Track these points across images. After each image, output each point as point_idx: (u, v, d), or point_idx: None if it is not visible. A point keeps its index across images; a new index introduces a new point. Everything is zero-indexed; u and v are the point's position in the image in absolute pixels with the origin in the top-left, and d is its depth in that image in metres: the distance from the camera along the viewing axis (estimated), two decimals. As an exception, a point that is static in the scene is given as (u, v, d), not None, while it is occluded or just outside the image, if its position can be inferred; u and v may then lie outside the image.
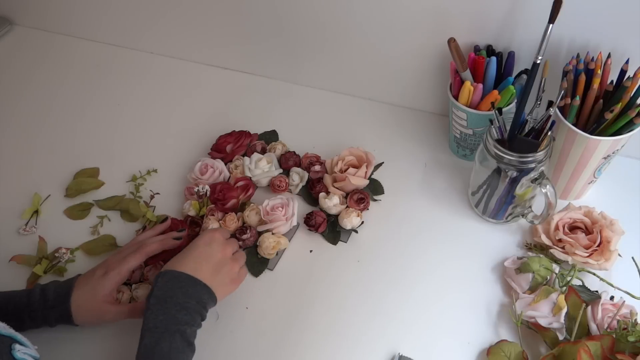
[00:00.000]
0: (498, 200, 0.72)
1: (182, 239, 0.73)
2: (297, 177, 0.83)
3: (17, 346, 0.50)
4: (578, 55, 0.69)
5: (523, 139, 0.65)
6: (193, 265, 0.63)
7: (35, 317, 0.64)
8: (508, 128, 0.68)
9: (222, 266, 0.65)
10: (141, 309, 0.63)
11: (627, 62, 0.66)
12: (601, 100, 0.66)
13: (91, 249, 0.78)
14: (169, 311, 0.59)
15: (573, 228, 0.72)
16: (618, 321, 0.61)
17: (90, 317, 0.65)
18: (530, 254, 0.73)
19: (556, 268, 0.68)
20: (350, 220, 0.76)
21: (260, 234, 0.77)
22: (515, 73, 0.74)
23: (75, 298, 0.64)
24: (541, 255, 0.70)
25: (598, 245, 0.69)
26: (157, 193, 0.83)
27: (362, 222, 0.78)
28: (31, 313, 0.64)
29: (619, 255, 0.69)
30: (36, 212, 0.83)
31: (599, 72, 0.66)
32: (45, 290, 0.65)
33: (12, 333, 0.50)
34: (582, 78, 0.67)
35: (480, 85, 0.73)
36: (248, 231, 0.76)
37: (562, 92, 0.66)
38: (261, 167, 0.83)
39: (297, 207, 0.78)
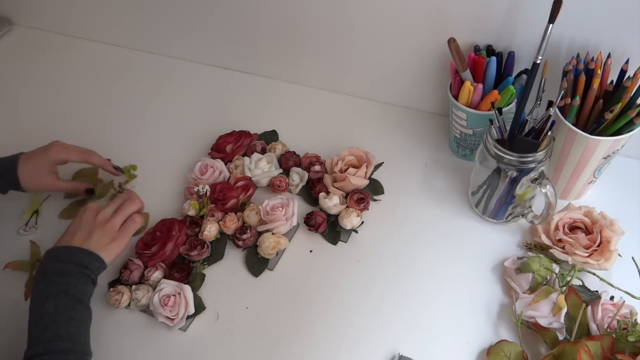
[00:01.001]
0: (498, 200, 0.72)
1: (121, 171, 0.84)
2: (297, 177, 0.83)
3: None
4: (578, 55, 0.69)
5: (523, 139, 0.65)
6: (68, 237, 0.68)
7: None
8: (508, 128, 0.68)
9: (95, 229, 0.69)
10: (81, 188, 0.82)
11: (627, 62, 0.66)
12: (601, 100, 0.66)
13: None
14: (49, 279, 0.63)
15: (573, 228, 0.72)
16: (618, 321, 0.61)
17: (36, 186, 0.78)
18: (530, 254, 0.73)
19: (556, 268, 0.68)
20: (350, 220, 0.76)
21: (260, 234, 0.77)
22: (515, 73, 0.74)
23: (21, 169, 0.76)
24: (541, 255, 0.70)
25: (598, 245, 0.69)
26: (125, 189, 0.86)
27: (362, 222, 0.78)
28: None
29: (619, 255, 0.69)
30: (36, 212, 0.83)
31: (599, 72, 0.66)
32: None
33: None
34: (582, 78, 0.67)
35: (480, 85, 0.73)
36: (248, 231, 0.76)
37: (562, 92, 0.66)
38: (261, 167, 0.83)
39: (297, 207, 0.78)
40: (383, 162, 0.86)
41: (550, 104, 0.63)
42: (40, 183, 0.77)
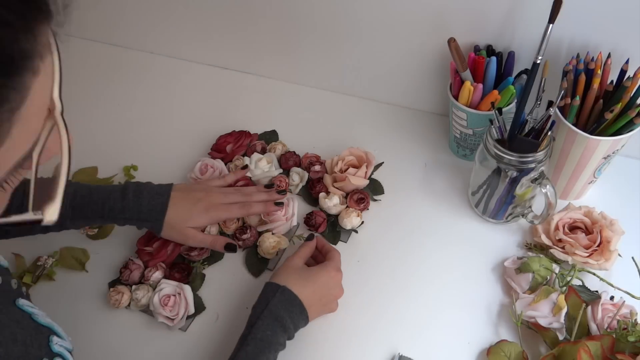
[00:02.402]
0: (498, 200, 0.72)
1: (283, 204, 0.76)
2: (297, 177, 0.83)
3: (55, 338, 0.49)
4: (578, 55, 0.69)
5: (523, 139, 0.65)
6: (309, 295, 0.64)
7: (129, 220, 0.70)
8: (508, 128, 0.68)
9: (329, 304, 0.68)
10: (221, 243, 0.71)
11: (627, 62, 0.66)
12: (601, 100, 0.66)
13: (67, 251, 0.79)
14: (276, 330, 0.61)
15: (573, 228, 0.72)
16: (618, 321, 0.61)
17: (175, 237, 0.72)
18: (530, 254, 0.73)
19: (556, 268, 0.68)
20: (350, 220, 0.76)
21: (260, 234, 0.77)
22: (515, 73, 0.74)
23: (168, 220, 0.69)
24: (541, 255, 0.70)
25: (598, 245, 0.69)
26: None
27: (362, 222, 0.78)
28: (126, 220, 0.70)
29: (619, 255, 0.69)
30: None
31: (599, 72, 0.66)
32: (139, 199, 0.69)
33: (49, 322, 0.50)
34: (582, 78, 0.67)
35: (480, 85, 0.73)
36: (248, 231, 0.76)
37: (562, 92, 0.66)
38: (261, 167, 0.83)
39: (297, 207, 0.78)
40: (383, 162, 0.86)
41: (550, 104, 0.63)
42: (178, 237, 0.71)
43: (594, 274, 0.68)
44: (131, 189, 0.70)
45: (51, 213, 0.34)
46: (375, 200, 0.82)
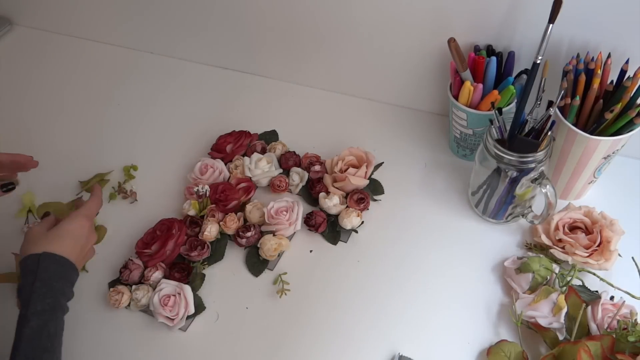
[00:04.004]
0: (498, 200, 0.72)
1: (9, 190, 0.70)
2: (297, 177, 0.83)
3: None
4: (578, 55, 0.69)
5: (523, 139, 0.65)
6: (71, 250, 0.63)
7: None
8: (508, 128, 0.68)
9: (89, 252, 0.69)
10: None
11: (627, 62, 0.66)
12: (601, 100, 0.66)
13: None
14: (55, 295, 0.59)
15: (573, 228, 0.72)
16: (618, 321, 0.61)
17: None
18: (530, 254, 0.73)
19: (556, 268, 0.68)
20: (350, 220, 0.76)
21: (262, 233, 0.77)
22: (515, 73, 0.74)
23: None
24: (541, 255, 0.70)
25: (598, 245, 0.69)
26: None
27: (362, 222, 0.78)
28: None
29: (619, 255, 0.69)
30: (30, 210, 0.83)
31: (599, 72, 0.66)
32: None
33: None
34: (582, 78, 0.67)
35: (480, 85, 0.73)
36: (252, 229, 0.76)
37: (562, 92, 0.66)
38: (261, 167, 0.83)
39: (301, 212, 0.78)
40: (383, 162, 0.86)
41: (550, 104, 0.63)
42: None
43: (594, 274, 0.68)
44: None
45: None
46: (375, 200, 0.82)
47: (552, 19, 0.61)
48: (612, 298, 0.64)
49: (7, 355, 0.58)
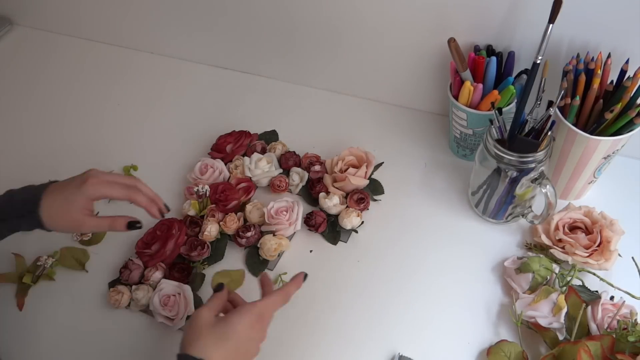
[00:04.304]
0: (498, 200, 0.72)
1: (164, 216, 0.67)
2: (297, 177, 0.83)
3: None
4: (578, 55, 0.69)
5: (523, 139, 0.65)
6: (231, 354, 0.53)
7: (10, 225, 0.62)
8: (508, 128, 0.68)
9: (249, 352, 0.56)
10: (122, 222, 0.63)
11: (627, 62, 0.66)
12: (601, 100, 0.66)
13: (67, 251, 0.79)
14: None
15: (573, 228, 0.72)
16: (618, 321, 0.61)
17: (64, 227, 0.62)
18: (530, 254, 0.73)
19: (556, 268, 0.68)
20: (350, 220, 0.76)
21: (263, 233, 0.77)
22: (515, 73, 0.74)
23: (46, 208, 0.61)
24: (541, 255, 0.70)
25: (598, 245, 0.69)
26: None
27: (362, 222, 0.78)
28: (2, 221, 0.62)
29: (619, 255, 0.69)
30: None
31: (599, 72, 0.66)
32: (13, 197, 0.62)
33: None
34: (582, 78, 0.67)
35: (480, 85, 0.73)
36: (252, 229, 0.76)
37: (562, 92, 0.66)
38: (261, 167, 0.83)
39: (301, 212, 0.78)
40: (383, 162, 0.86)
41: (550, 104, 0.63)
42: (68, 225, 0.62)
43: (594, 274, 0.68)
44: (7, 192, 0.63)
45: None
46: (375, 200, 0.82)
47: (552, 19, 0.61)
48: (612, 298, 0.64)
49: (6, 354, 0.58)
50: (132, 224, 0.65)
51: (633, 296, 0.65)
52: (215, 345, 0.52)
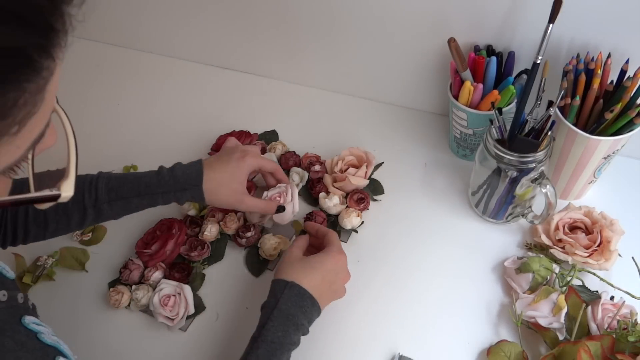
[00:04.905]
0: (498, 200, 0.72)
1: (282, 211, 0.73)
2: (297, 177, 0.83)
3: (61, 358, 0.48)
4: (578, 55, 0.69)
5: (523, 139, 0.65)
6: (318, 285, 0.62)
7: (169, 198, 0.67)
8: (508, 128, 0.68)
9: (338, 290, 0.66)
10: (273, 207, 0.71)
11: (627, 62, 0.66)
12: (601, 100, 0.66)
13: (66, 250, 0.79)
14: (288, 329, 0.59)
15: (573, 228, 0.72)
16: (618, 321, 0.61)
17: (225, 200, 0.68)
18: (530, 254, 0.73)
19: (556, 268, 0.68)
20: (350, 220, 0.76)
21: (262, 233, 0.77)
22: (515, 73, 0.74)
23: (208, 180, 0.66)
24: (541, 255, 0.70)
25: (598, 245, 0.69)
26: None
27: (362, 222, 0.78)
28: (164, 194, 0.66)
29: (619, 255, 0.69)
30: None
31: (599, 72, 0.66)
32: (173, 171, 0.67)
33: (55, 342, 0.48)
34: (582, 78, 0.67)
35: (480, 85, 0.73)
36: (252, 229, 0.76)
37: (562, 92, 0.66)
38: (261, 167, 0.83)
39: (296, 193, 0.76)
40: (383, 162, 0.86)
41: (550, 104, 0.63)
42: (230, 199, 0.68)
43: (594, 274, 0.68)
44: (165, 168, 0.68)
45: (67, 188, 0.36)
46: (375, 200, 0.82)
47: (552, 19, 0.61)
48: (612, 298, 0.64)
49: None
50: (280, 208, 0.73)
51: (633, 296, 0.65)
52: (304, 273, 0.62)
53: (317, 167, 0.83)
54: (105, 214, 0.67)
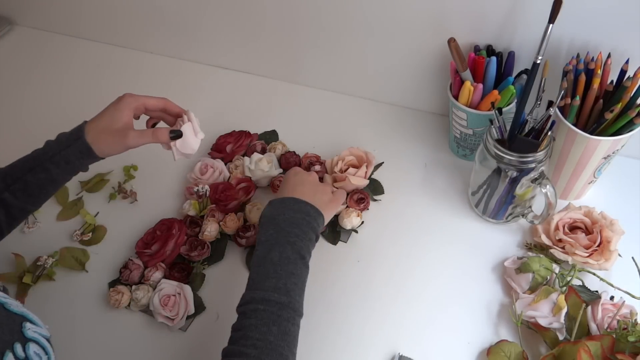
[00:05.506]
0: (498, 200, 0.72)
1: (177, 136, 0.71)
2: (297, 177, 0.83)
3: (28, 324, 0.49)
4: (578, 55, 0.69)
5: (523, 139, 0.65)
6: (290, 190, 0.67)
7: (58, 161, 0.66)
8: (508, 128, 0.68)
9: (316, 186, 0.69)
10: (164, 132, 0.69)
11: (627, 62, 0.66)
12: (601, 100, 0.66)
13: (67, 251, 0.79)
14: (279, 225, 0.62)
15: (573, 228, 0.72)
16: (618, 321, 0.61)
17: (111, 143, 0.67)
18: (530, 254, 0.73)
19: (556, 268, 0.68)
20: (350, 220, 0.76)
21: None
22: (515, 73, 0.74)
23: (91, 130, 0.66)
24: (541, 255, 0.70)
25: (598, 245, 0.69)
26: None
27: (362, 222, 0.78)
28: (52, 158, 0.65)
29: (619, 255, 0.69)
30: None
31: (599, 72, 0.66)
32: (57, 137, 0.68)
33: (23, 311, 0.49)
34: (582, 78, 0.67)
35: (480, 85, 0.73)
36: (252, 229, 0.76)
37: (562, 92, 0.66)
38: (261, 167, 0.83)
39: (194, 116, 0.73)
40: (383, 162, 0.86)
41: (550, 104, 0.63)
42: (115, 140, 0.66)
43: (594, 274, 0.68)
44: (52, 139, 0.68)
45: None
46: (375, 200, 0.82)
47: (552, 19, 0.61)
48: (612, 298, 0.64)
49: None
50: (175, 133, 0.69)
51: (633, 296, 0.65)
52: (294, 188, 0.67)
53: (317, 167, 0.83)
54: (13, 205, 0.66)
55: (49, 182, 0.66)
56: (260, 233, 0.62)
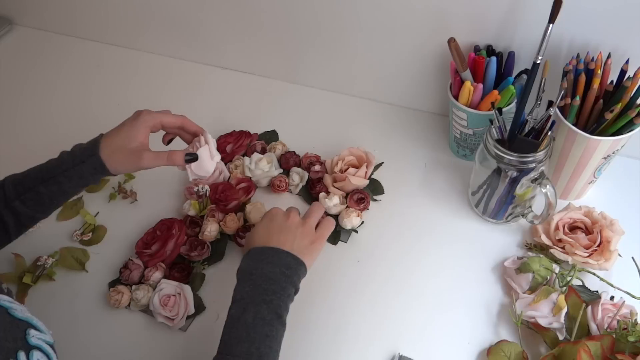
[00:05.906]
0: (498, 200, 0.72)
1: (193, 159, 0.69)
2: (297, 177, 0.83)
3: (32, 331, 0.48)
4: (578, 55, 0.69)
5: (523, 139, 0.65)
6: (266, 238, 0.62)
7: (71, 176, 0.65)
8: (508, 128, 0.68)
9: (295, 230, 0.64)
10: (180, 155, 0.67)
11: (627, 62, 0.66)
12: (601, 100, 0.66)
13: (67, 252, 0.79)
14: (255, 281, 0.59)
15: (573, 228, 0.72)
16: (618, 321, 0.61)
17: (125, 162, 0.66)
18: (530, 254, 0.73)
19: (556, 268, 0.68)
20: (350, 220, 0.76)
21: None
22: (515, 73, 0.74)
23: (105, 147, 0.65)
24: (541, 255, 0.70)
25: (598, 245, 0.69)
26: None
27: (362, 222, 0.78)
28: (65, 172, 0.65)
29: (619, 255, 0.69)
30: None
31: (599, 72, 0.66)
32: (72, 150, 0.67)
33: (28, 317, 0.49)
34: (582, 78, 0.67)
35: (480, 85, 0.73)
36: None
37: (562, 92, 0.66)
38: (261, 167, 0.83)
39: (211, 138, 0.72)
40: (383, 162, 0.86)
41: (550, 104, 0.63)
42: (129, 159, 0.65)
43: (594, 274, 0.68)
44: (62, 151, 0.68)
45: None
46: (375, 200, 0.82)
47: (552, 19, 0.61)
48: (612, 298, 0.64)
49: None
50: (190, 157, 0.68)
51: (633, 296, 0.65)
52: (252, 241, 0.63)
53: (317, 167, 0.83)
54: (23, 213, 0.65)
55: (60, 194, 0.67)
56: (236, 289, 0.60)
